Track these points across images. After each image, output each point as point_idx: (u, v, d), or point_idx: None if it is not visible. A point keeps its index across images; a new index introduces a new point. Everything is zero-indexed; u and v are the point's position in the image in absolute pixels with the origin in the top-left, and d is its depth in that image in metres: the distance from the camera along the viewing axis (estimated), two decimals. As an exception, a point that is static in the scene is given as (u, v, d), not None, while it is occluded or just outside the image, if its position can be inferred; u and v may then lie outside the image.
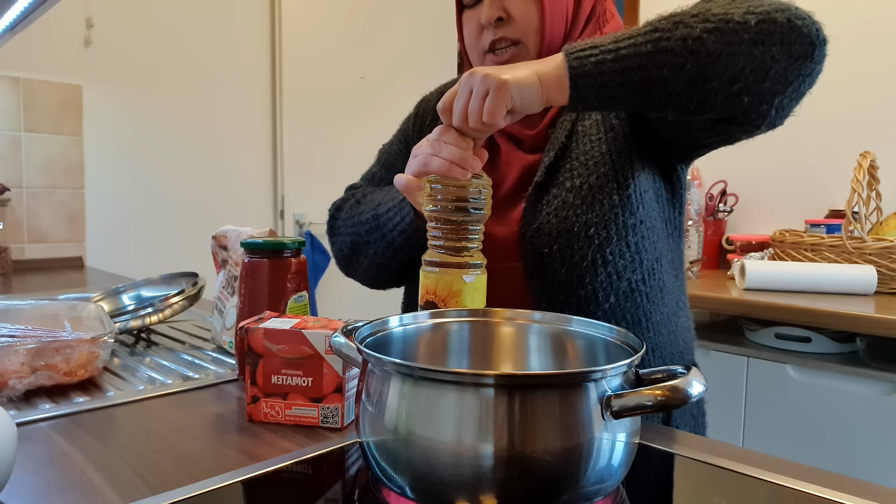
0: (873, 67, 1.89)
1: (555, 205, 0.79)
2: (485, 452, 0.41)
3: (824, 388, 1.37)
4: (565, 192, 0.79)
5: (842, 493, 0.51)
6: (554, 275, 0.78)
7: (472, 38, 0.84)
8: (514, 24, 0.80)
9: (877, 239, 1.57)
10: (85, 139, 2.06)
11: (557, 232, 0.78)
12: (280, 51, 2.51)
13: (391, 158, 1.00)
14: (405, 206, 0.80)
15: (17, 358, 0.72)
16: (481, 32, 0.82)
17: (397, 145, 1.01)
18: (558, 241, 0.78)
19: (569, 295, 0.78)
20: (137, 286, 1.18)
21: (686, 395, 0.41)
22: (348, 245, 0.91)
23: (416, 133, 0.98)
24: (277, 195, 2.54)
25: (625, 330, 0.53)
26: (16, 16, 1.19)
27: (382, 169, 1.01)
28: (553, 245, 0.78)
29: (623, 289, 0.79)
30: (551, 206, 0.79)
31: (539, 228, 0.79)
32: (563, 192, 0.79)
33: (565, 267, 0.78)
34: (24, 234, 1.94)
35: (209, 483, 0.52)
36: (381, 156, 1.03)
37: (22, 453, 0.58)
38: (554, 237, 0.78)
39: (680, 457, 0.58)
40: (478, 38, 0.83)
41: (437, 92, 1.02)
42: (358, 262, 0.90)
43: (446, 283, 0.65)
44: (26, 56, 1.93)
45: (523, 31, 0.80)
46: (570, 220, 0.78)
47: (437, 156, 0.67)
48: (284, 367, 0.64)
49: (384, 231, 0.83)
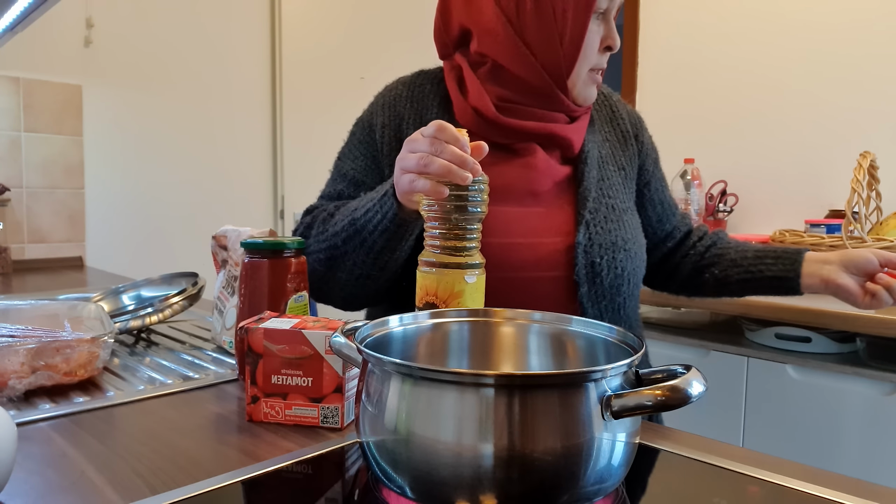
0: (873, 67, 1.89)
1: (600, 218, 0.87)
2: (485, 452, 0.41)
3: (824, 388, 1.37)
4: (605, 209, 0.89)
5: (842, 493, 0.51)
6: (601, 283, 0.86)
7: (591, 49, 0.87)
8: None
9: (877, 239, 1.57)
10: (85, 139, 2.06)
11: (606, 244, 0.86)
12: (280, 51, 2.51)
13: (360, 175, 0.94)
14: (387, 201, 0.76)
15: (17, 358, 0.72)
16: (603, 51, 0.88)
17: (363, 161, 0.94)
18: (607, 252, 0.86)
19: (609, 301, 0.87)
20: (137, 286, 1.18)
21: (686, 395, 0.41)
22: (322, 262, 0.86)
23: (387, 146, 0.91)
24: (277, 195, 2.54)
25: (624, 330, 0.53)
26: (16, 16, 1.19)
27: (350, 186, 0.94)
28: (603, 256, 0.85)
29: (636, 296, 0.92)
30: (598, 217, 0.87)
31: (592, 239, 0.86)
32: (605, 209, 0.89)
33: (610, 276, 0.86)
34: (24, 234, 1.94)
35: (209, 483, 0.52)
36: (345, 172, 0.95)
37: (22, 453, 0.58)
38: (604, 249, 0.86)
39: (680, 457, 0.58)
40: (597, 55, 0.88)
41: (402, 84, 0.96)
42: (334, 280, 0.86)
43: (447, 283, 0.64)
44: (26, 56, 1.93)
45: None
46: (614, 234, 0.87)
47: (437, 156, 0.65)
48: (284, 367, 0.64)
49: (363, 236, 0.80)
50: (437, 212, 0.65)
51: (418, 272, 0.67)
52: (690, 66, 2.27)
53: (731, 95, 2.18)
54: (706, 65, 2.24)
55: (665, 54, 2.34)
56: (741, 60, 2.15)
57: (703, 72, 2.25)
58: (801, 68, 2.01)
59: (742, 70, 2.15)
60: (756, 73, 2.12)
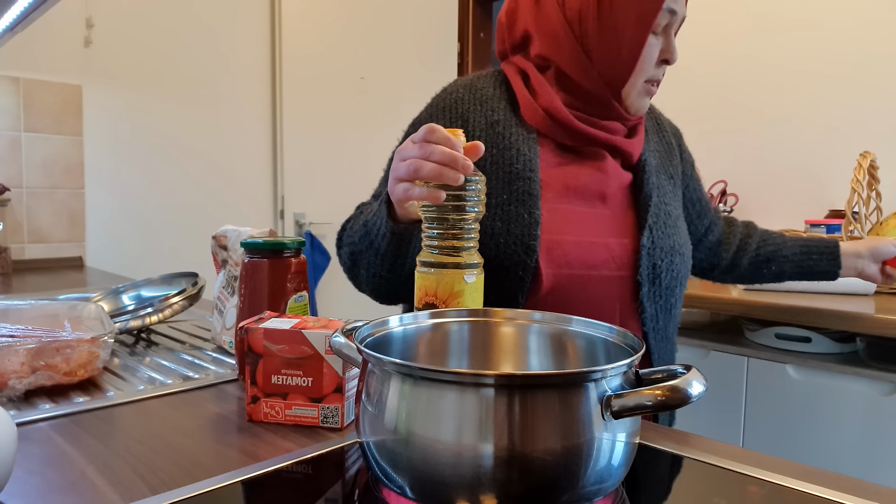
0: (874, 67, 1.89)
1: (661, 224, 0.92)
2: (485, 452, 0.41)
3: (824, 388, 1.37)
4: (664, 215, 0.93)
5: (842, 493, 0.51)
6: (660, 284, 0.90)
7: (649, 64, 0.89)
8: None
9: (877, 239, 1.57)
10: (85, 139, 2.06)
11: (666, 248, 0.91)
12: (280, 51, 2.51)
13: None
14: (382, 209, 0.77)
15: (17, 358, 0.72)
16: (659, 65, 0.90)
17: None
18: (668, 255, 0.91)
19: (664, 301, 0.91)
20: (137, 286, 1.18)
21: (686, 395, 0.41)
22: (348, 256, 0.90)
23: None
24: (277, 195, 2.54)
25: (624, 329, 0.53)
26: (16, 16, 1.19)
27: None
28: (664, 258, 0.90)
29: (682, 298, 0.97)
30: (659, 223, 0.92)
31: (654, 243, 0.90)
32: (664, 215, 0.93)
33: (668, 278, 0.91)
34: (24, 234, 1.94)
35: (209, 483, 0.52)
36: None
37: (22, 453, 0.58)
38: (666, 251, 0.91)
39: (680, 456, 0.58)
40: (654, 68, 0.90)
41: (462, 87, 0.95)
42: (359, 274, 0.90)
43: (447, 283, 0.64)
44: (26, 56, 1.93)
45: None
46: (673, 239, 0.92)
47: (427, 160, 0.64)
48: (284, 367, 0.64)
49: (371, 238, 0.82)
50: (435, 212, 0.65)
51: (417, 273, 0.67)
52: (690, 66, 2.27)
53: (731, 95, 2.18)
54: (706, 65, 2.24)
55: (665, 54, 2.34)
56: (741, 60, 2.15)
57: (702, 72, 2.25)
58: (801, 68, 2.01)
59: (742, 70, 2.15)
60: (756, 73, 2.12)
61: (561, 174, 0.90)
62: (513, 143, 0.89)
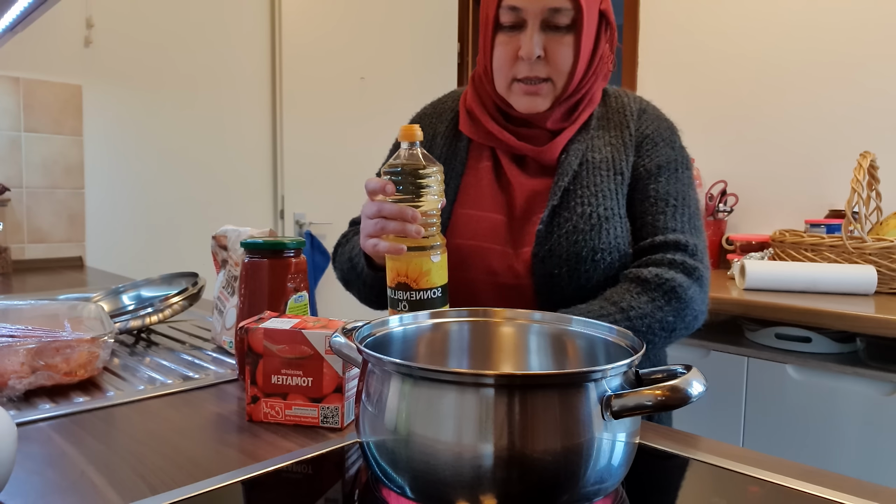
0: (874, 67, 1.89)
1: (566, 228, 0.85)
2: (485, 452, 0.41)
3: (824, 388, 1.37)
4: (576, 217, 0.86)
5: (842, 493, 0.51)
6: (561, 294, 0.85)
7: (503, 62, 0.88)
8: (549, 63, 0.86)
9: (877, 239, 1.57)
10: (85, 139, 2.06)
11: (567, 255, 0.84)
12: (280, 51, 2.51)
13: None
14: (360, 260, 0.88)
15: (17, 358, 0.72)
16: (515, 62, 0.86)
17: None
18: (568, 263, 0.84)
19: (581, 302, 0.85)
20: (137, 286, 1.18)
21: (686, 395, 0.41)
22: (341, 277, 1.00)
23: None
24: (277, 195, 2.54)
25: (624, 330, 0.53)
26: (16, 16, 1.19)
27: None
28: (563, 267, 0.84)
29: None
30: (563, 229, 0.85)
31: (551, 250, 0.85)
32: (575, 217, 0.86)
33: (572, 287, 0.85)
34: (24, 234, 1.94)
35: (209, 483, 0.52)
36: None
37: (22, 453, 0.58)
38: (564, 259, 0.84)
39: (680, 456, 0.58)
40: (510, 65, 0.87)
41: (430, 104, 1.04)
42: (352, 292, 0.99)
43: (417, 264, 0.72)
44: (26, 56, 1.93)
45: (556, 70, 0.86)
46: (580, 245, 0.84)
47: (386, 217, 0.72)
48: (284, 367, 0.64)
49: (358, 271, 0.91)
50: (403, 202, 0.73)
51: (387, 257, 0.74)
52: (690, 66, 2.27)
53: (731, 95, 2.18)
54: (706, 65, 2.24)
55: (665, 54, 2.34)
56: (741, 60, 2.15)
57: (702, 72, 2.25)
58: (801, 68, 2.01)
59: (742, 70, 2.15)
60: (756, 73, 2.12)
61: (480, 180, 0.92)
62: (443, 153, 0.96)
